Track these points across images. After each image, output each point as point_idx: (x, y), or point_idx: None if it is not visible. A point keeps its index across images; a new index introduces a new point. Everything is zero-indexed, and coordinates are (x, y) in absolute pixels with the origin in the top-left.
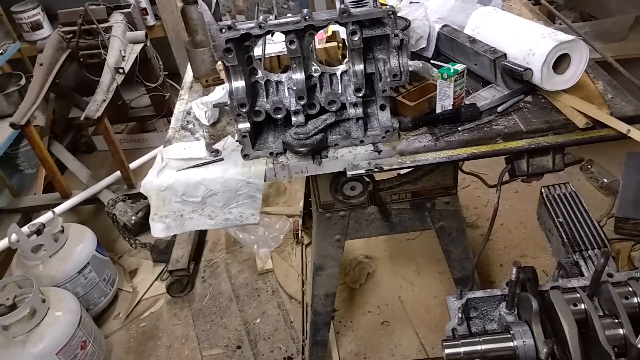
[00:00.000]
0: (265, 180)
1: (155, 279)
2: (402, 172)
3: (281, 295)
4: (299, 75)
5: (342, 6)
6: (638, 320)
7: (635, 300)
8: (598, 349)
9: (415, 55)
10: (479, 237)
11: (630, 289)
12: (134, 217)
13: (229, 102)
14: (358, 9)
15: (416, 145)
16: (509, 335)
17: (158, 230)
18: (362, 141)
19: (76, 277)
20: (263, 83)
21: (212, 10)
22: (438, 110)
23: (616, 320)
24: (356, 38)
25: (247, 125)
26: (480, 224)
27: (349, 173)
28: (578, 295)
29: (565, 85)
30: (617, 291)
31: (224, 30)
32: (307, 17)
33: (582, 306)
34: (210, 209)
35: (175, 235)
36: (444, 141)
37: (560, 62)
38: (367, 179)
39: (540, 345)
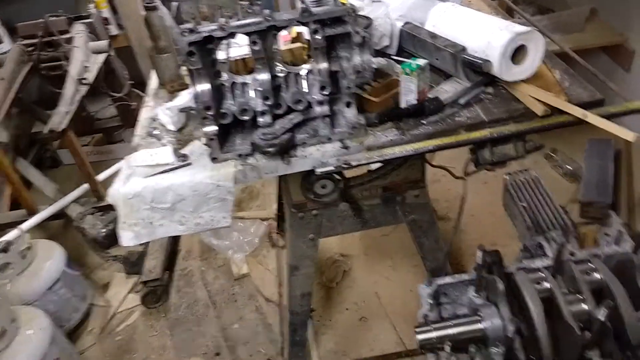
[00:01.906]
0: (235, 183)
1: (129, 292)
2: (372, 168)
3: (258, 299)
4: (264, 76)
5: (303, 5)
6: (600, 295)
7: (596, 276)
8: (563, 324)
9: (379, 53)
10: (451, 229)
11: (592, 265)
12: (103, 230)
13: (194, 106)
14: (319, 8)
15: (383, 140)
16: (478, 317)
17: (127, 238)
18: (329, 138)
19: (46, 294)
20: (229, 85)
21: (174, 15)
22: (403, 105)
23: (579, 296)
24: (318, 37)
25: (214, 128)
26: (451, 216)
27: (318, 170)
28: (542, 274)
29: (524, 75)
30: (579, 268)
31: (185, 34)
32: (268, 17)
33: (546, 285)
34: (181, 215)
35: (147, 246)
36: (410, 135)
37: (518, 53)
38: (338, 177)
39: (507, 324)
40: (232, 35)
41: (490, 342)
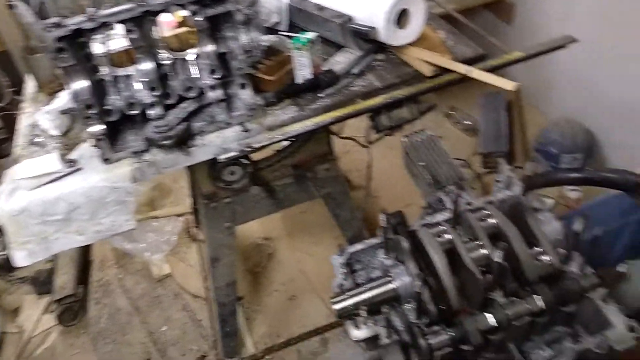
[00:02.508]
0: (134, 182)
1: (43, 313)
2: (279, 147)
3: (184, 296)
4: (148, 65)
5: None
6: (497, 238)
7: (491, 221)
8: (466, 271)
9: (270, 30)
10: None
11: (487, 212)
12: (3, 253)
13: (74, 106)
14: None
15: (283, 118)
16: (389, 278)
17: (20, 258)
18: (228, 123)
19: None
20: (110, 79)
21: (37, 10)
22: (299, 81)
23: (478, 243)
24: (199, 18)
25: (101, 127)
26: (369, 183)
27: (221, 158)
28: (443, 227)
29: (410, 38)
30: (475, 216)
31: (51, 29)
32: (141, 2)
33: (448, 236)
34: (77, 224)
35: (55, 262)
36: (309, 110)
37: (402, 18)
38: (246, 161)
39: (414, 280)
40: (106, 25)
41: (402, 300)
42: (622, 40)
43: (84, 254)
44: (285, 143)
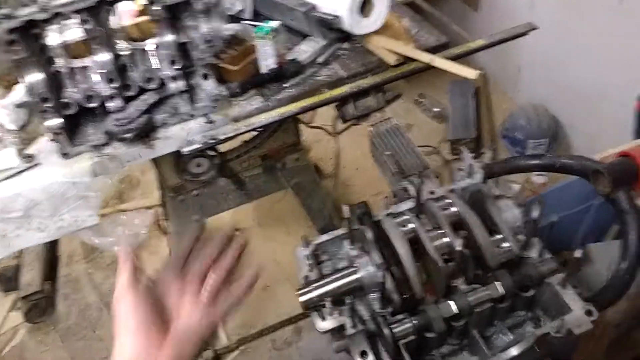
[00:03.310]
0: (95, 176)
1: (9, 310)
2: (246, 138)
3: None
4: (105, 56)
5: None
6: (459, 226)
7: (452, 209)
8: (430, 259)
9: (234, 19)
10: (339, 185)
11: (448, 200)
12: None
13: (30, 100)
14: None
15: (248, 109)
16: (354, 269)
17: None
18: (192, 115)
19: None
20: (66, 71)
21: None
22: (263, 71)
23: (440, 231)
24: (156, 7)
25: (59, 120)
26: (337, 172)
27: (185, 150)
28: (407, 216)
29: (374, 27)
30: (437, 205)
31: (1, 21)
32: None
33: (411, 225)
34: (38, 221)
35: (21, 258)
36: (274, 100)
37: (365, 6)
38: (212, 153)
39: (378, 269)
40: (60, 16)
41: (367, 290)
42: (586, 26)
43: (51, 249)
44: (253, 133)
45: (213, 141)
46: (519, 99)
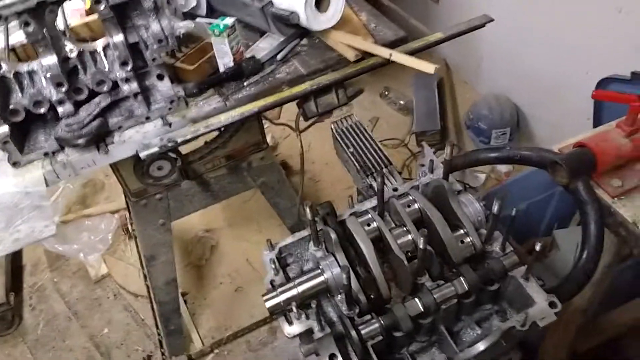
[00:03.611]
0: (47, 185)
1: None
2: (209, 139)
3: (125, 296)
4: (51, 60)
5: None
6: (422, 223)
7: (415, 206)
8: (394, 257)
9: (190, 16)
10: (308, 181)
11: (411, 197)
12: None
13: None
14: None
15: (206, 110)
16: (319, 270)
17: None
18: (148, 117)
19: None
20: (11, 77)
21: None
22: (221, 69)
23: (404, 229)
24: (102, 7)
25: (5, 128)
26: (306, 168)
27: (142, 154)
28: (370, 215)
29: (331, 22)
30: (401, 202)
31: None
32: None
33: (374, 224)
34: None
35: None
36: (233, 99)
37: (322, 1)
38: (173, 155)
39: (342, 270)
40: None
41: (334, 291)
42: (543, 16)
43: (14, 259)
44: (215, 134)
45: (171, 144)
46: (481, 89)
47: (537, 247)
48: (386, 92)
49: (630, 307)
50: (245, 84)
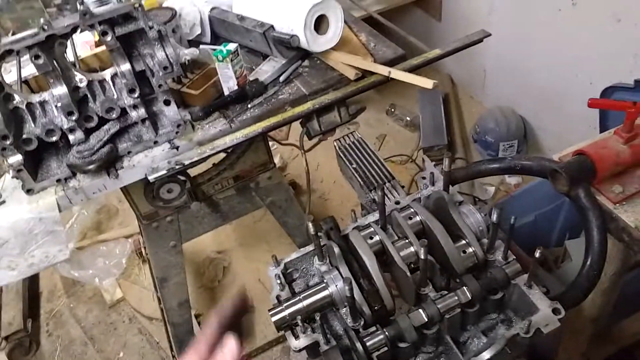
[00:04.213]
0: (60, 211)
1: None
2: (216, 160)
3: (140, 320)
4: (61, 90)
5: (83, 7)
6: (425, 235)
7: (417, 218)
8: (398, 269)
9: (195, 43)
10: (317, 200)
11: (412, 210)
12: None
13: None
14: (101, 8)
15: (212, 132)
16: (324, 284)
17: None
18: (156, 142)
19: None
20: (24, 107)
21: None
22: (226, 93)
23: (406, 241)
24: (109, 38)
25: (19, 157)
26: (315, 187)
27: (151, 177)
28: (373, 228)
29: (331, 43)
30: (402, 215)
31: None
32: (45, 27)
33: (377, 237)
34: (8, 260)
35: (0, 298)
36: (238, 121)
37: (321, 24)
38: (182, 178)
39: (345, 284)
40: (10, 52)
41: (339, 304)
42: (543, 29)
43: (31, 286)
44: (223, 155)
45: (179, 166)
46: (487, 102)
47: (537, 254)
48: (392, 109)
49: None
50: (249, 106)
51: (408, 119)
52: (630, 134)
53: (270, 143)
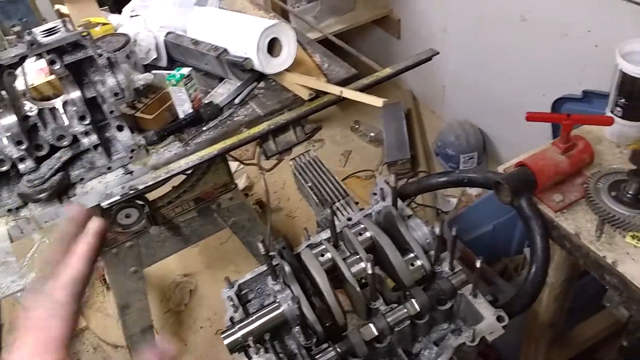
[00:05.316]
0: (12, 241)
1: None
2: (176, 183)
3: (105, 348)
4: (10, 119)
5: (30, 37)
6: (375, 249)
7: (367, 234)
8: (348, 285)
9: (151, 67)
10: (285, 218)
11: (362, 225)
12: None
13: None
14: (49, 38)
15: (167, 156)
16: (277, 304)
17: None
18: (109, 167)
19: None
20: None
21: None
22: (180, 116)
23: (357, 256)
24: (57, 67)
25: None
26: (282, 205)
27: (104, 203)
28: (324, 246)
29: (284, 65)
30: (353, 231)
31: None
32: None
33: (328, 255)
34: None
35: None
36: (193, 144)
37: (274, 46)
38: (141, 202)
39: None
40: None
41: (292, 323)
42: (495, 44)
43: None
44: (183, 178)
45: (133, 191)
46: (447, 117)
47: (478, 264)
48: (357, 126)
49: (598, 319)
50: (204, 128)
51: (372, 134)
52: (567, 144)
53: (236, 163)
